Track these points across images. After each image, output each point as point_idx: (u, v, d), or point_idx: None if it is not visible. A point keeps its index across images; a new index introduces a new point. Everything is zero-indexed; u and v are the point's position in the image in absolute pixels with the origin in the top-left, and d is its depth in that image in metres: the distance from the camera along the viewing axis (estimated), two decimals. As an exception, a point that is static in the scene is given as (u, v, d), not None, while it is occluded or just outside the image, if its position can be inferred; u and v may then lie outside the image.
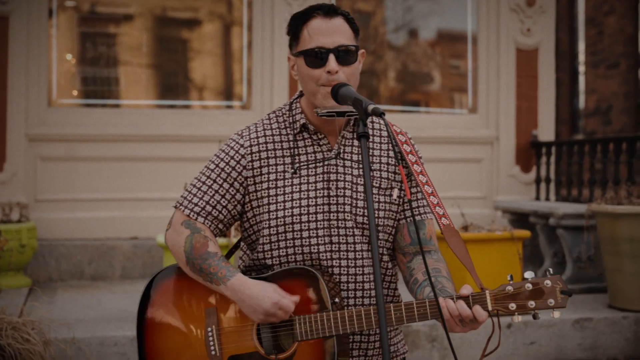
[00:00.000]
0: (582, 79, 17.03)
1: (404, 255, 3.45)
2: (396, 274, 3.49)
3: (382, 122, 3.47)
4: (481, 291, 3.08)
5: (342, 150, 3.35)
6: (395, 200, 3.41)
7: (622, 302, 7.26)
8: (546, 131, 10.38)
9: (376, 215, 3.35)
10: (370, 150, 3.41)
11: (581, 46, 17.03)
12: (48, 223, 8.97)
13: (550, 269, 3.06)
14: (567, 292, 3.02)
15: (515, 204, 9.46)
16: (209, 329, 3.27)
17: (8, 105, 8.91)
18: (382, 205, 3.37)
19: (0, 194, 8.79)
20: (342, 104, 3.16)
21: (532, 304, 3.01)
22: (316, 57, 3.23)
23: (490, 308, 3.04)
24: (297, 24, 3.31)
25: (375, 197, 3.36)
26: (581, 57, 17.05)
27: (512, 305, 3.02)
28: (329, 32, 3.23)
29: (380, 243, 3.39)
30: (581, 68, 17.05)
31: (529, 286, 3.03)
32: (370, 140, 3.43)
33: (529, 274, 3.03)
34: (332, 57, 3.21)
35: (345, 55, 3.24)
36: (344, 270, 3.31)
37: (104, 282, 8.62)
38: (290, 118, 3.40)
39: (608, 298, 7.51)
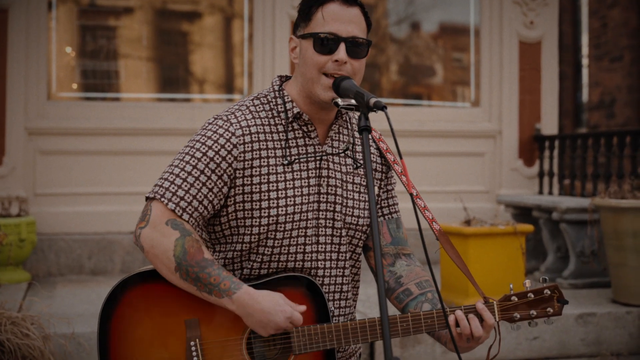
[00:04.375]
0: (585, 72, 16.99)
1: (383, 257, 3.34)
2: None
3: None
4: (487, 302, 3.14)
5: (331, 144, 3.23)
6: (375, 198, 3.32)
7: (626, 297, 7.22)
8: (549, 125, 10.34)
9: (363, 215, 3.26)
10: (354, 147, 3.30)
11: (585, 39, 16.99)
12: (47, 217, 8.93)
13: (546, 277, 3.18)
14: (564, 302, 3.19)
15: (518, 198, 9.42)
16: (192, 343, 3.00)
17: (7, 99, 8.87)
18: (367, 205, 3.27)
19: (-1, 187, 8.77)
20: (343, 97, 3.01)
21: (533, 312, 3.18)
22: (326, 43, 3.06)
23: (497, 319, 3.13)
24: (312, 4, 3.11)
25: (362, 196, 3.26)
26: (585, 50, 17.00)
27: (516, 315, 3.17)
28: (345, 20, 3.07)
29: (360, 242, 3.31)
30: (585, 61, 17.01)
31: (531, 296, 3.18)
32: (352, 135, 3.32)
33: (528, 283, 3.20)
34: (342, 46, 3.06)
35: (356, 48, 3.09)
36: (327, 272, 3.20)
37: (104, 277, 8.59)
38: (279, 106, 3.19)
39: (612, 293, 7.47)
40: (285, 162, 3.11)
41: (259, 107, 3.19)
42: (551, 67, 10.40)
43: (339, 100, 3.03)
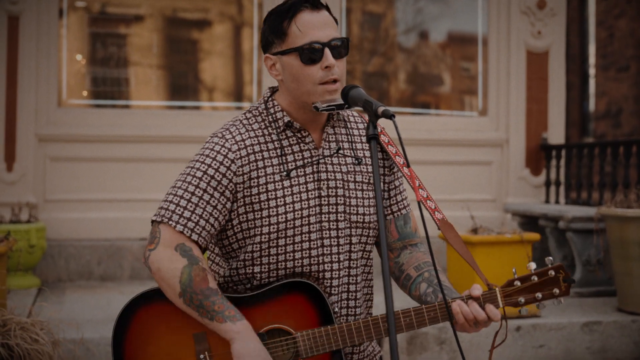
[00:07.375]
0: (592, 82, 16.99)
1: (391, 252, 3.36)
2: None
3: (356, 115, 3.41)
4: (490, 289, 3.13)
5: (328, 146, 3.24)
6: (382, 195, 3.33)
7: (632, 305, 7.24)
8: (556, 134, 10.36)
9: (368, 212, 3.26)
10: (353, 144, 3.31)
11: (592, 49, 16.99)
12: (57, 223, 8.97)
13: (552, 258, 3.16)
14: (570, 280, 3.15)
15: (524, 207, 9.44)
16: (201, 356, 3.05)
17: (18, 105, 8.91)
18: (372, 202, 3.27)
19: (9, 194, 8.79)
20: (352, 105, 3.06)
21: (539, 295, 3.13)
22: (313, 54, 3.06)
23: (501, 305, 3.10)
24: (282, 19, 3.11)
25: (366, 194, 3.26)
26: (591, 60, 17.01)
27: (521, 300, 3.12)
28: (320, 25, 3.08)
29: (370, 240, 3.31)
30: (591, 71, 17.01)
31: (534, 278, 3.15)
32: (350, 133, 3.33)
33: (532, 265, 3.17)
34: (327, 52, 3.06)
35: (338, 49, 3.10)
36: (335, 274, 3.20)
37: (113, 283, 8.62)
38: (270, 117, 3.21)
39: (617, 301, 7.49)
40: (283, 170, 3.15)
41: (252, 120, 3.23)
42: (558, 77, 10.41)
43: (318, 104, 3.09)
